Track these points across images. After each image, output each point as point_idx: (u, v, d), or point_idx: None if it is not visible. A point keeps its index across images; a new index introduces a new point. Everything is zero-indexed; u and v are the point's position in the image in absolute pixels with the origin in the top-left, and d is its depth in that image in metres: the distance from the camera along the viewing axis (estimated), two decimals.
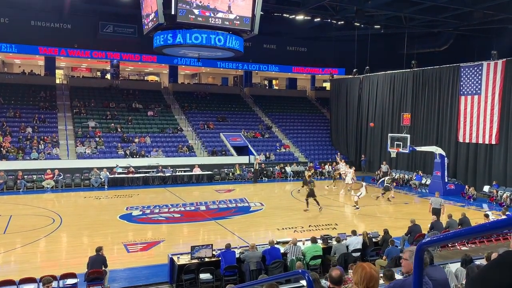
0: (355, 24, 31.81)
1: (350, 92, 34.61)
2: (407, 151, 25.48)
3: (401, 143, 25.54)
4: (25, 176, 23.84)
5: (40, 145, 26.90)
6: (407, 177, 27.71)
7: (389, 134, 27.26)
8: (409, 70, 28.98)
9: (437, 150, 24.47)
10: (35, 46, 32.30)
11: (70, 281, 9.63)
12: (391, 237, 12.09)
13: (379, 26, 32.67)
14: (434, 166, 24.73)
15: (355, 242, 11.87)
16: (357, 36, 32.48)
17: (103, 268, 10.27)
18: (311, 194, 18.94)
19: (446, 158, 24.43)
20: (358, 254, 11.77)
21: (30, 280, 9.37)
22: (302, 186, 21.27)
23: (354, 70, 33.75)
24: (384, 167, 27.86)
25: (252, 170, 27.90)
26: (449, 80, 26.16)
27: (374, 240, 12.51)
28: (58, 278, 9.42)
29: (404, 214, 18.43)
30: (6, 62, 38.32)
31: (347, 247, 11.71)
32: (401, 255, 11.17)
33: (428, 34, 35.38)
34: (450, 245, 13.07)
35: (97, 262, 10.41)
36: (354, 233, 12.24)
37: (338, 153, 31.10)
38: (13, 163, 24.78)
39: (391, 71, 30.52)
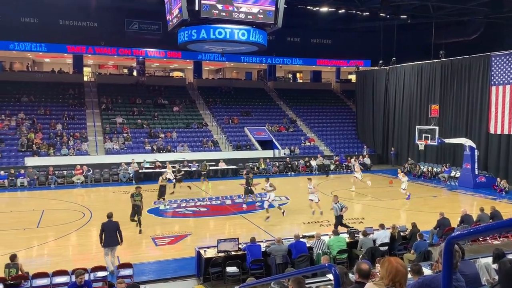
0: (381, 14, 31.20)
1: (376, 84, 34.05)
2: (436, 144, 24.94)
3: (429, 135, 25.02)
4: (56, 172, 24.50)
5: (69, 141, 27.60)
6: (435, 170, 27.13)
7: (417, 126, 26.74)
8: (437, 60, 28.26)
9: (466, 142, 23.84)
10: (63, 45, 33.08)
11: (101, 273, 9.88)
12: (419, 230, 11.88)
13: (405, 16, 31.93)
14: (464, 159, 24.12)
15: (383, 236, 11.72)
16: (383, 27, 31.88)
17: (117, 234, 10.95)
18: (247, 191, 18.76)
19: (476, 150, 23.78)
20: (385, 248, 11.62)
21: (63, 272, 9.65)
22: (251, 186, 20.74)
23: (380, 62, 33.16)
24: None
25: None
26: (479, 70, 25.40)
27: (402, 234, 12.32)
28: (89, 271, 9.66)
29: (432, 208, 18.06)
30: (36, 61, 39.38)
31: (374, 241, 11.58)
32: (430, 249, 11.01)
33: (457, 23, 34.41)
34: (481, 239, 12.76)
35: (111, 229, 10.73)
36: (382, 226, 12.08)
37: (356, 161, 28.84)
38: (44, 159, 25.52)
39: (418, 62, 29.85)
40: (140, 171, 25.36)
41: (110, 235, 10.93)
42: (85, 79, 37.48)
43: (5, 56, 35.69)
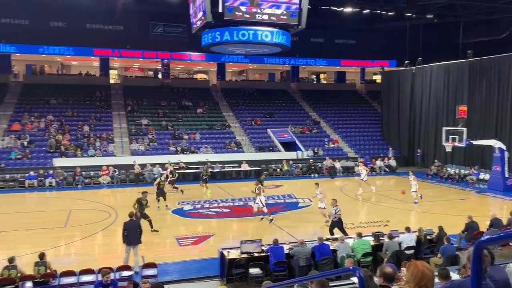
0: (406, 14, 30.72)
1: (402, 84, 33.51)
2: (463, 145, 24.35)
3: (456, 137, 24.45)
4: (83, 173, 25.04)
5: (96, 143, 28.18)
6: (463, 172, 26.49)
7: (443, 128, 26.16)
8: (465, 60, 27.60)
9: (496, 143, 23.19)
10: (90, 48, 33.85)
11: (126, 273, 10.02)
12: (446, 234, 11.61)
13: (432, 16, 31.35)
14: (493, 161, 23.48)
15: (408, 239, 11.51)
16: (409, 27, 31.39)
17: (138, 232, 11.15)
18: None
19: (506, 152, 23.10)
20: (411, 251, 11.40)
21: (89, 271, 9.84)
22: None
23: (406, 62, 32.64)
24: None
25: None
26: (510, 70, 24.69)
27: (428, 237, 12.07)
28: (115, 270, 9.81)
29: (460, 211, 17.63)
30: (64, 64, 40.40)
31: (399, 244, 11.38)
32: (457, 254, 10.75)
33: (485, 21, 33.53)
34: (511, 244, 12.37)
35: (133, 228, 10.89)
36: (408, 230, 11.85)
37: (361, 159, 28.14)
38: (71, 160, 26.12)
39: (445, 62, 29.22)
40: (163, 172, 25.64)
41: (132, 233, 11.13)
42: (111, 81, 38.29)
43: (35, 60, 36.77)
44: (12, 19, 32.76)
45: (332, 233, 13.55)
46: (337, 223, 13.86)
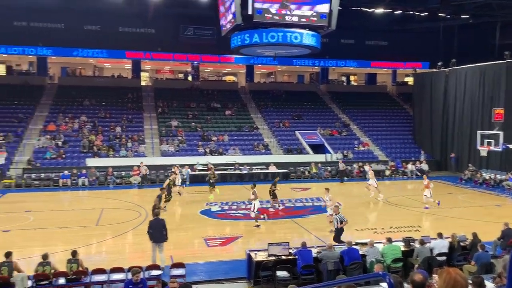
0: (440, 14, 29.99)
1: (435, 86, 32.70)
2: (500, 149, 23.51)
3: (492, 140, 23.63)
4: (115, 173, 25.57)
5: (128, 143, 28.75)
6: (499, 177, 25.58)
7: (478, 131, 25.34)
8: (502, 61, 26.66)
9: None
10: (123, 51, 34.63)
11: (155, 272, 10.14)
12: (481, 241, 11.21)
13: (467, 16, 30.48)
14: None
15: (441, 246, 11.19)
16: (442, 28, 30.64)
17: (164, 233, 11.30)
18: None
19: None
20: (443, 258, 11.08)
21: (119, 269, 10.01)
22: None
23: (439, 63, 31.85)
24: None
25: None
26: None
27: (461, 244, 11.69)
28: (144, 269, 9.95)
29: (496, 217, 17.00)
30: (97, 67, 41.47)
31: (431, 250, 11.08)
32: (492, 261, 10.37)
33: None
34: None
35: (157, 226, 11.01)
36: (440, 235, 11.52)
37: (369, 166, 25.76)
38: (104, 160, 26.73)
39: (481, 64, 28.32)
40: (192, 173, 25.92)
41: (157, 232, 11.30)
42: (143, 83, 39.04)
43: (70, 62, 37.95)
44: (48, 23, 33.99)
45: (339, 241, 12.60)
46: (340, 231, 13.12)
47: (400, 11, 30.25)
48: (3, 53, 32.55)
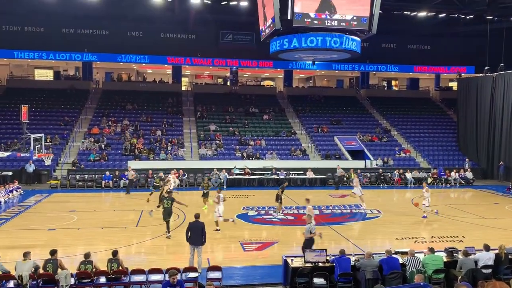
0: (487, 17, 28.85)
1: (481, 92, 31.46)
2: None
3: None
4: (154, 175, 26.06)
5: (168, 147, 29.34)
6: None
7: None
8: None
9: None
10: (164, 56, 35.48)
11: (192, 274, 10.22)
12: None
13: None
14: None
15: (486, 258, 10.67)
16: (489, 31, 29.40)
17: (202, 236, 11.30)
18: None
19: None
20: (489, 270, 10.56)
21: (158, 270, 10.16)
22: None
23: (486, 68, 30.63)
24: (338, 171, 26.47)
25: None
26: None
27: (510, 256, 11.11)
28: (181, 271, 10.05)
29: None
30: (140, 72, 42.65)
31: (475, 262, 10.59)
32: None
33: None
34: None
35: (196, 229, 11.24)
36: (486, 248, 10.98)
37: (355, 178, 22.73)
38: (144, 163, 27.40)
39: None
40: (229, 177, 26.07)
41: (195, 234, 11.37)
42: (183, 88, 39.81)
43: (113, 68, 39.26)
44: (94, 30, 35.37)
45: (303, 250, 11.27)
46: (309, 242, 12.07)
47: (445, 14, 29.31)
48: (51, 58, 34.10)
